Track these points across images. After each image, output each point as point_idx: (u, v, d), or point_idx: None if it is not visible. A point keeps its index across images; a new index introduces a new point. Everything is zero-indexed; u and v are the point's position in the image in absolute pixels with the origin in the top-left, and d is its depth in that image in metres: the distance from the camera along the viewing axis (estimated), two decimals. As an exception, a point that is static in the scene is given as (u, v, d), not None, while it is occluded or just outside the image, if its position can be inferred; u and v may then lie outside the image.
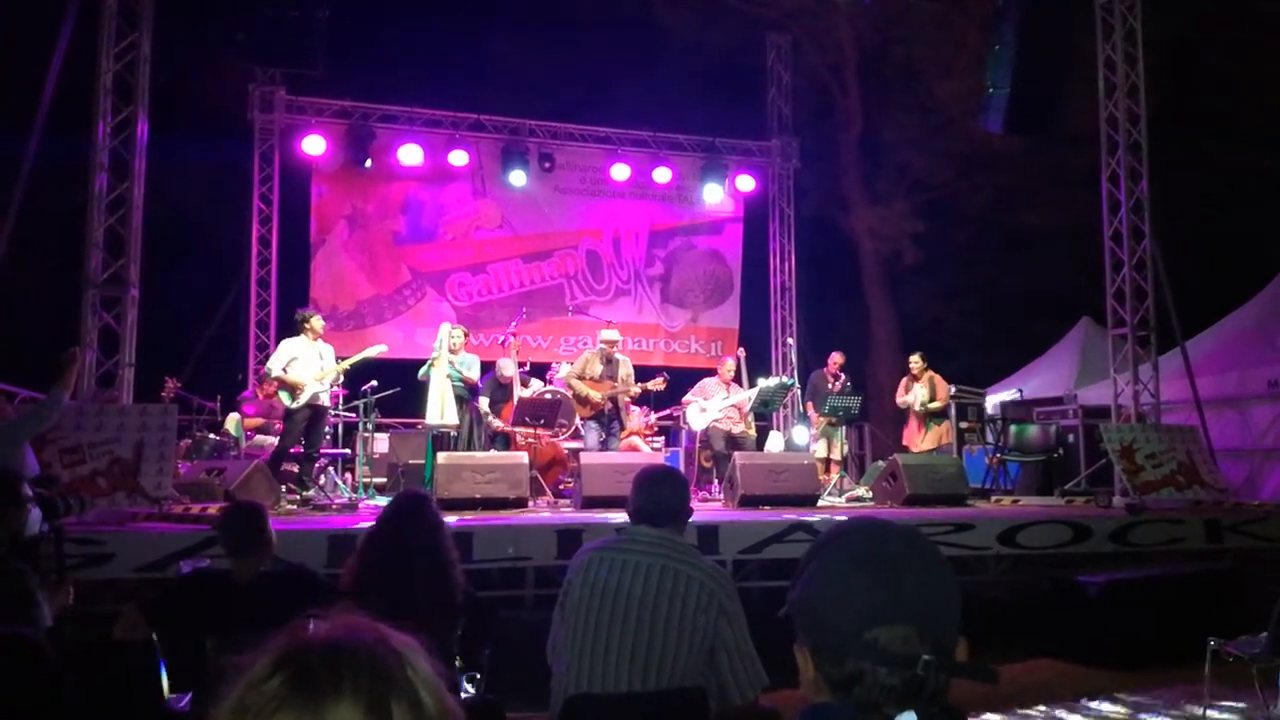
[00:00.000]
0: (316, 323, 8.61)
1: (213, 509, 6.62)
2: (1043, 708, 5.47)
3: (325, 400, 8.58)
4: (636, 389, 9.50)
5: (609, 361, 9.37)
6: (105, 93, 8.43)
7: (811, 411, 10.72)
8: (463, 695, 3.42)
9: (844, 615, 1.21)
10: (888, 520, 1.28)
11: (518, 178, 13.29)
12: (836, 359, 10.84)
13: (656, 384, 9.61)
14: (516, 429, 9.30)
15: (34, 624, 3.08)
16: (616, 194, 14.17)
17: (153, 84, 8.73)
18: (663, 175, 13.94)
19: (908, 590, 1.20)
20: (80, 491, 6.07)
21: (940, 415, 10.49)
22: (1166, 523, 7.65)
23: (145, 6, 8.58)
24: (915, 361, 10.63)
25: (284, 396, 8.41)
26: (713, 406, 9.77)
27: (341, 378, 8.90)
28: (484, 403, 9.53)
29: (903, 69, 16.37)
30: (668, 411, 11.16)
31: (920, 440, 10.44)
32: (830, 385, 10.56)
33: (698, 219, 14.65)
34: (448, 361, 9.10)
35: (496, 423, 9.55)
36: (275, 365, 8.35)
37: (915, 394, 10.49)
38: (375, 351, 8.99)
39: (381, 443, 10.82)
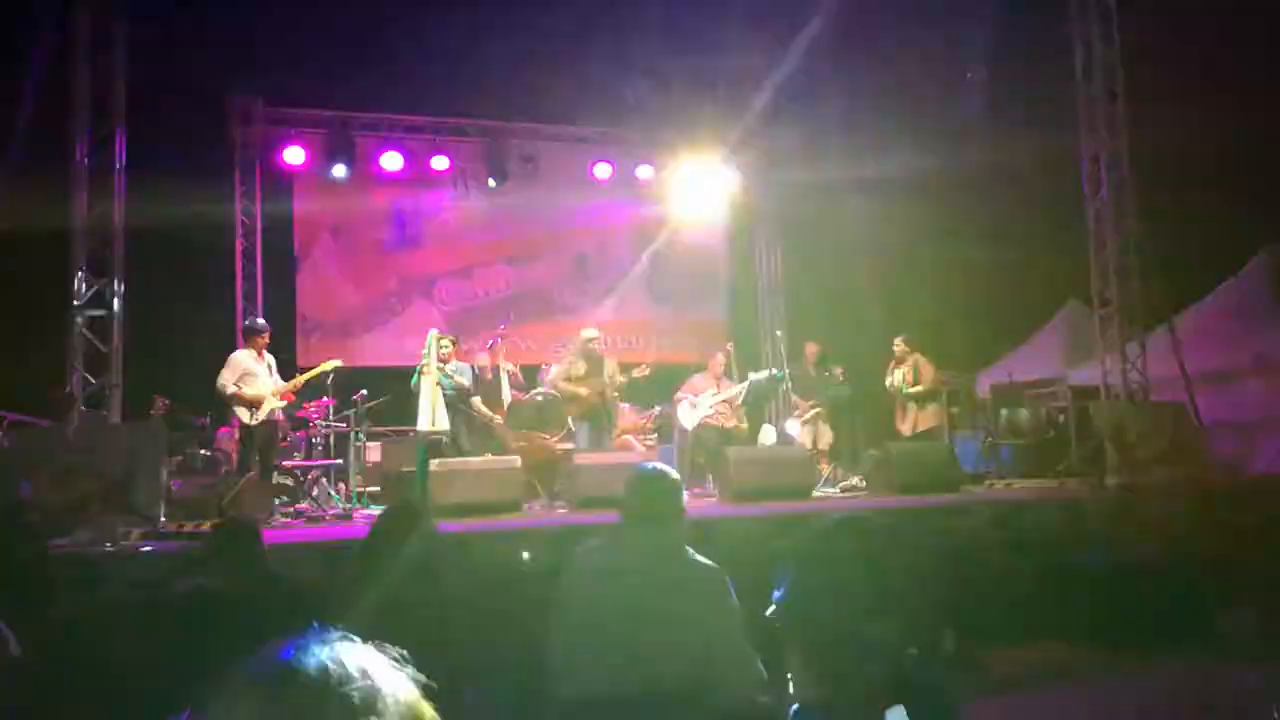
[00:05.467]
0: (267, 337, 8.53)
1: (205, 525, 6.60)
2: (1041, 691, 5.48)
3: (279, 414, 8.52)
4: (622, 379, 9.50)
5: (591, 360, 9.37)
6: (81, 112, 8.38)
7: (800, 402, 10.68)
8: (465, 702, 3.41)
9: (832, 613, 1.21)
10: (871, 516, 1.29)
11: (500, 181, 13.27)
12: (812, 349, 10.82)
13: (640, 371, 9.62)
14: (509, 432, 9.29)
15: None
16: (601, 193, 14.15)
17: (129, 101, 8.68)
18: (645, 173, 13.92)
19: (893, 585, 1.20)
20: (70, 514, 6.06)
21: (928, 398, 10.32)
22: (1160, 500, 7.68)
23: (118, 24, 8.52)
24: (898, 344, 10.43)
25: (241, 413, 8.16)
26: (703, 403, 9.77)
27: (293, 394, 8.82)
28: (476, 401, 9.48)
29: (883, 55, 16.37)
30: (658, 410, 11.12)
31: (906, 424, 10.34)
32: (811, 374, 10.55)
33: (683, 215, 14.62)
34: (437, 369, 9.09)
35: (494, 416, 9.45)
36: (228, 381, 8.10)
37: (895, 377, 10.42)
38: (330, 366, 8.96)
39: (374, 451, 10.79)
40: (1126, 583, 6.65)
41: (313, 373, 8.82)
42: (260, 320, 8.97)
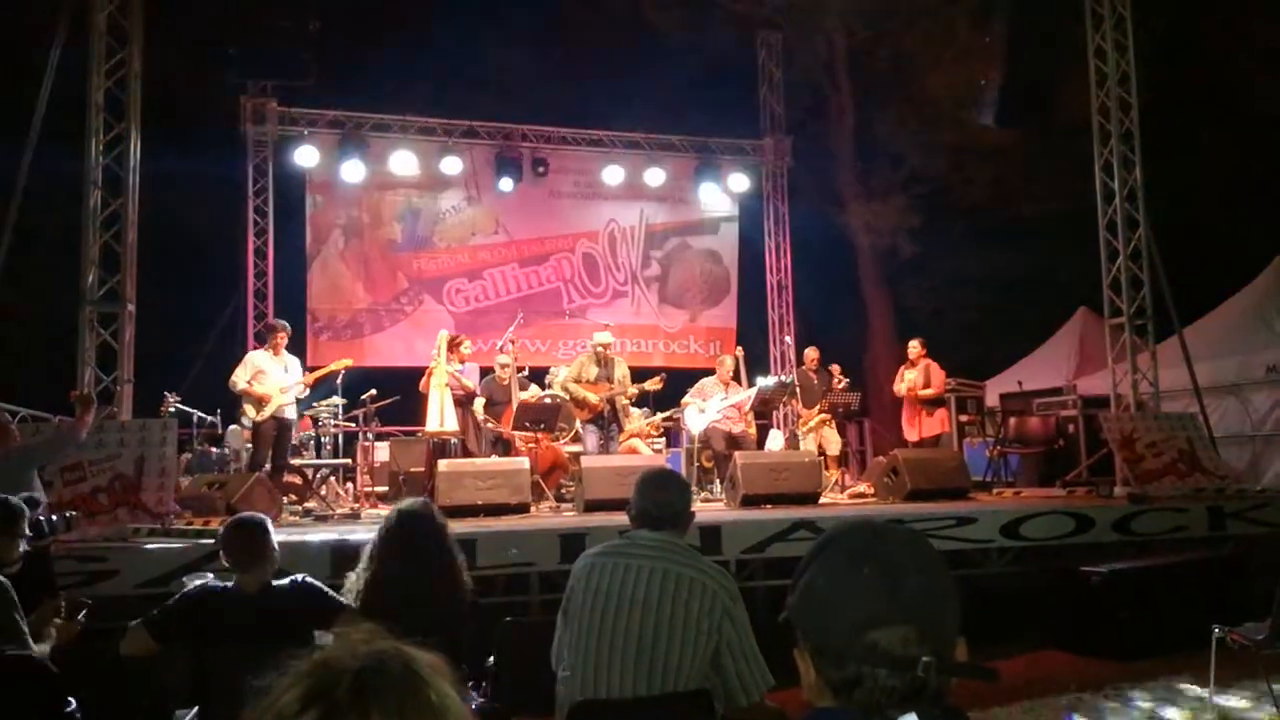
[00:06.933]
0: (281, 336, 8.61)
1: (215, 523, 6.62)
2: (1049, 700, 5.47)
3: (291, 414, 8.56)
4: (634, 389, 9.50)
5: (603, 363, 9.37)
6: (97, 110, 8.41)
7: (801, 409, 10.65)
8: (472, 703, 3.42)
9: (843, 618, 1.21)
10: (883, 521, 1.29)
11: (511, 183, 13.29)
12: (812, 354, 10.82)
13: (653, 384, 9.61)
14: (517, 433, 9.30)
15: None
16: (611, 197, 14.17)
17: (145, 100, 8.72)
18: (656, 177, 13.92)
19: (906, 591, 1.20)
20: (78, 509, 6.07)
21: (935, 403, 10.40)
22: (1169, 511, 7.65)
23: (134, 23, 8.56)
24: (914, 347, 10.58)
25: (248, 409, 8.34)
26: (711, 407, 9.75)
27: (307, 391, 8.87)
28: (479, 404, 9.50)
29: (894, 63, 16.38)
30: (669, 414, 11.11)
31: (913, 430, 10.38)
32: (814, 381, 10.53)
33: (693, 219, 14.64)
34: (446, 369, 9.11)
35: (491, 424, 9.50)
36: (240, 378, 8.31)
37: (906, 380, 10.45)
38: (340, 365, 9.06)
39: (382, 451, 10.81)
40: (1133, 592, 6.63)
41: (322, 371, 8.90)
42: (277, 320, 9.04)
